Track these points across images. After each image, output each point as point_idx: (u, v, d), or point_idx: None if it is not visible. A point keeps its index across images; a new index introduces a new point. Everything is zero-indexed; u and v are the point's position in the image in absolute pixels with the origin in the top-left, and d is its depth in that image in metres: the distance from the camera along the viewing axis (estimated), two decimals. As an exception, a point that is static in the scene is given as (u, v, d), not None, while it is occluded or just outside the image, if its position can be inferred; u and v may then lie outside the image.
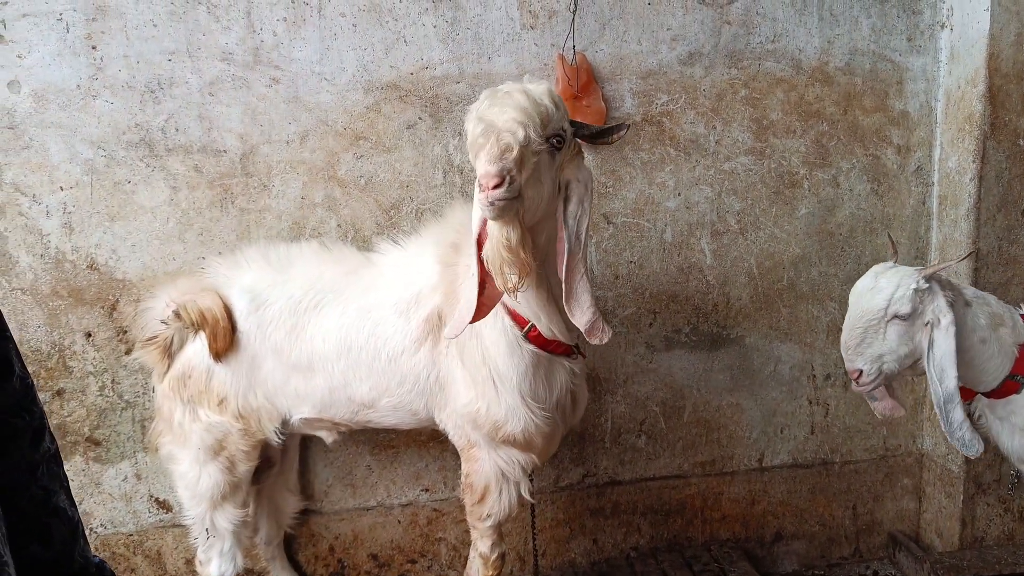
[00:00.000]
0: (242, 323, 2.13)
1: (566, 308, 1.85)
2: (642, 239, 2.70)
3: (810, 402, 2.92)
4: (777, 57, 2.68)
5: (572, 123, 1.84)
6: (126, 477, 2.56)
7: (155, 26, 2.35)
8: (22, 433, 0.90)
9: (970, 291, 2.00)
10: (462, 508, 2.32)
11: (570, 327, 1.98)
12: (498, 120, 1.67)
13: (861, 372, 1.95)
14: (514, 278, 1.75)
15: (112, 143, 2.38)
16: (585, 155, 1.95)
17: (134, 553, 2.59)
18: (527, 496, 2.16)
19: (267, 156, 2.46)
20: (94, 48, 2.33)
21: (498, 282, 1.78)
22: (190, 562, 2.49)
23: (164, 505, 2.60)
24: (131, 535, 2.59)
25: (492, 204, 1.64)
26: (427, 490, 2.73)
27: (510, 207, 1.66)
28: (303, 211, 2.50)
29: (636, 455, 2.84)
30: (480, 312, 1.86)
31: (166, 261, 2.45)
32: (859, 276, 2.80)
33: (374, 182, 2.52)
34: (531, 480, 2.18)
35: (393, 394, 2.13)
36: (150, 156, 2.40)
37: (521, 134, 1.66)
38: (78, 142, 2.36)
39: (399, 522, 2.74)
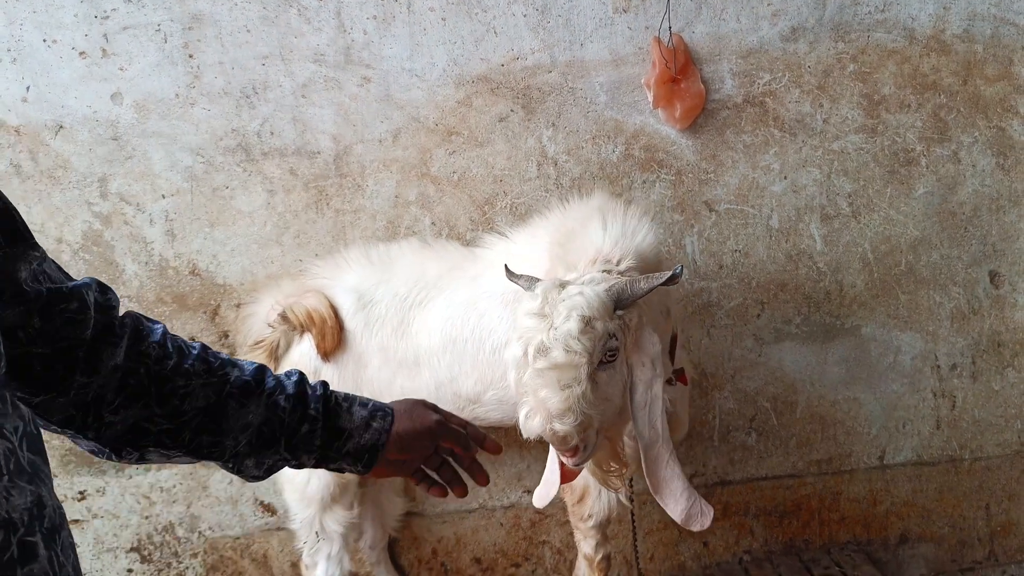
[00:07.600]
0: (348, 322, 2.12)
1: (657, 499, 1.68)
2: (747, 226, 2.57)
3: (935, 395, 2.73)
4: (888, 27, 2.51)
5: (625, 289, 1.57)
6: (231, 480, 2.57)
7: (248, 31, 2.36)
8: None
9: None
10: (565, 510, 2.24)
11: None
12: (548, 404, 1.49)
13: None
14: (618, 481, 1.83)
15: (210, 149, 2.40)
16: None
17: (241, 556, 2.61)
18: (625, 501, 2.09)
19: (360, 156, 2.44)
20: (191, 56, 2.35)
21: (606, 487, 1.89)
22: (296, 565, 2.49)
23: (269, 508, 2.60)
24: (238, 538, 2.61)
25: (575, 466, 1.64)
26: (529, 491, 2.66)
27: (588, 456, 1.62)
28: (397, 210, 2.47)
29: (747, 453, 2.71)
30: (565, 479, 1.86)
31: (264, 265, 2.46)
32: (984, 257, 2.66)
33: (467, 177, 2.47)
34: (631, 482, 2.09)
35: (498, 387, 2.07)
36: (247, 161, 2.41)
37: (573, 418, 1.48)
38: (178, 150, 2.39)
39: (501, 525, 2.68)
